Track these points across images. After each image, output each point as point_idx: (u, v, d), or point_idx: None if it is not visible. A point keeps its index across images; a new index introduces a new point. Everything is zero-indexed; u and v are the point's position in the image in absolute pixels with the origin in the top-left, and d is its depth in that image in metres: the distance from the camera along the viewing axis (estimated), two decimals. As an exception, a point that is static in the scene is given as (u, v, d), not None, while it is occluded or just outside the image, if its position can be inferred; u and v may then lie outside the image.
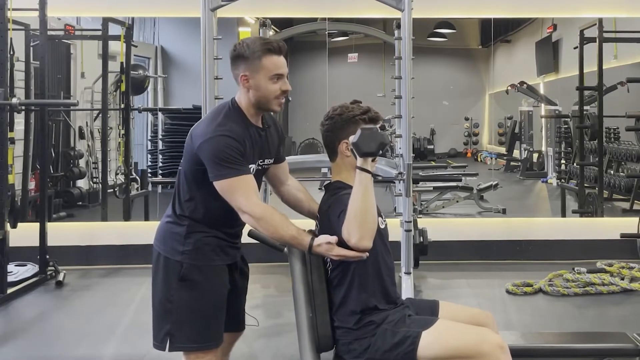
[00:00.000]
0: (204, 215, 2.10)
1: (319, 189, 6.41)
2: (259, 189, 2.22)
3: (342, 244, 1.99)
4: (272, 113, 2.21)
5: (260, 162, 2.15)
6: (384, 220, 2.21)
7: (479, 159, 9.44)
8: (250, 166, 2.07)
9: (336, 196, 2.10)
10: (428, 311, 2.21)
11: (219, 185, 2.00)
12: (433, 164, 8.62)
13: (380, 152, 2.00)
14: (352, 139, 2.00)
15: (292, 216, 2.12)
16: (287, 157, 2.39)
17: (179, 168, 2.16)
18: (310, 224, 2.26)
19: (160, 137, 7.25)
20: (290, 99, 9.31)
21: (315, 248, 2.01)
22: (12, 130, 4.57)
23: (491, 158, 9.03)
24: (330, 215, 2.07)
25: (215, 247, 2.11)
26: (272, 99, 2.09)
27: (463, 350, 1.98)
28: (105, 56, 5.95)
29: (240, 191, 1.99)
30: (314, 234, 2.10)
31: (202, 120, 2.13)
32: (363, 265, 2.09)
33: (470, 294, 4.50)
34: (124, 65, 6.09)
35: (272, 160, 2.24)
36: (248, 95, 2.10)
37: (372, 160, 2.03)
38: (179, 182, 2.15)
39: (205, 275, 2.08)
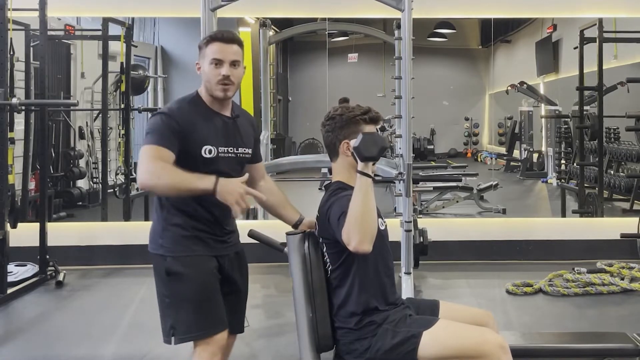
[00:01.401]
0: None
1: (319, 189, 6.44)
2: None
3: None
4: (224, 102, 2.22)
5: (229, 149, 2.17)
6: (384, 222, 2.21)
7: (479, 159, 9.44)
8: (206, 147, 2.11)
9: (337, 197, 2.10)
10: (428, 311, 2.22)
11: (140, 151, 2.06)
12: (433, 164, 8.62)
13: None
14: (354, 143, 2.02)
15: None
16: (287, 157, 2.40)
17: None
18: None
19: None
20: (290, 98, 9.37)
21: (222, 188, 1.94)
22: (12, 130, 4.57)
23: (491, 158, 9.03)
24: (330, 217, 2.07)
25: (193, 238, 2.13)
26: (214, 83, 2.14)
27: (464, 350, 1.98)
28: (105, 56, 5.95)
29: (147, 156, 2.02)
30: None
31: None
32: (363, 266, 2.09)
33: (470, 294, 4.50)
34: (124, 65, 6.09)
35: (247, 151, 2.25)
36: (203, 83, 2.19)
37: (373, 164, 2.03)
38: None
39: (188, 265, 2.11)
